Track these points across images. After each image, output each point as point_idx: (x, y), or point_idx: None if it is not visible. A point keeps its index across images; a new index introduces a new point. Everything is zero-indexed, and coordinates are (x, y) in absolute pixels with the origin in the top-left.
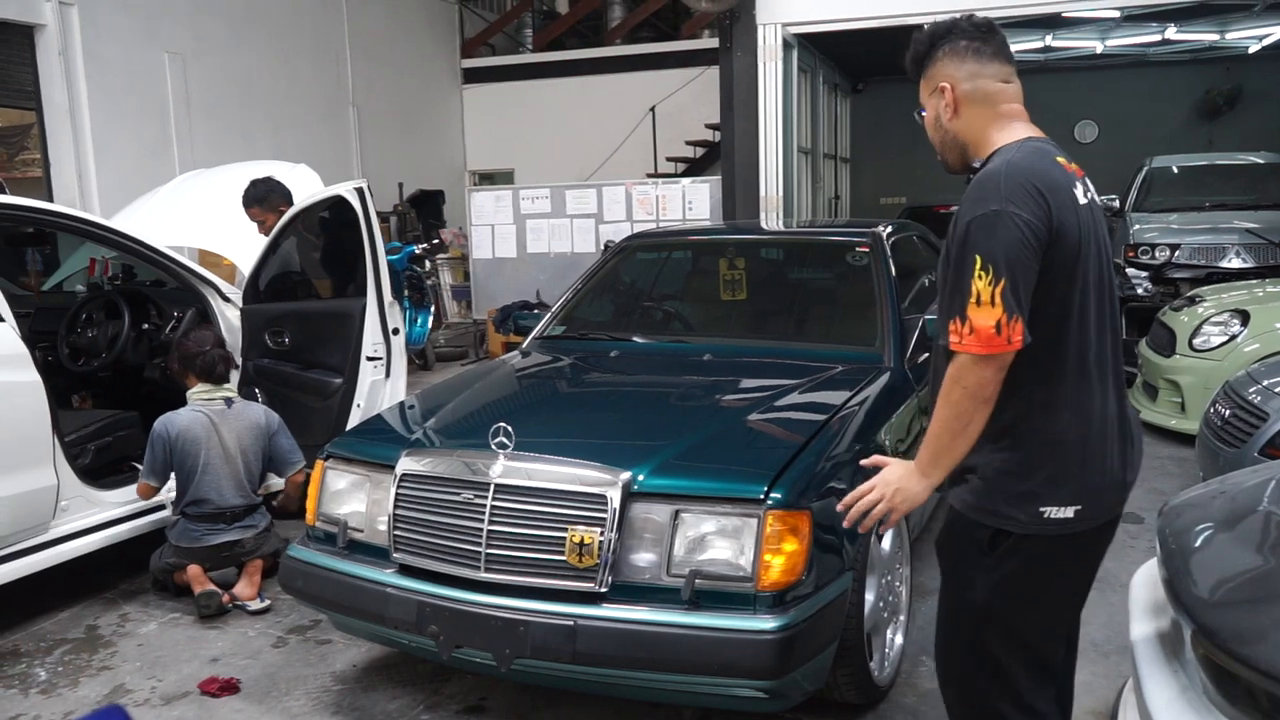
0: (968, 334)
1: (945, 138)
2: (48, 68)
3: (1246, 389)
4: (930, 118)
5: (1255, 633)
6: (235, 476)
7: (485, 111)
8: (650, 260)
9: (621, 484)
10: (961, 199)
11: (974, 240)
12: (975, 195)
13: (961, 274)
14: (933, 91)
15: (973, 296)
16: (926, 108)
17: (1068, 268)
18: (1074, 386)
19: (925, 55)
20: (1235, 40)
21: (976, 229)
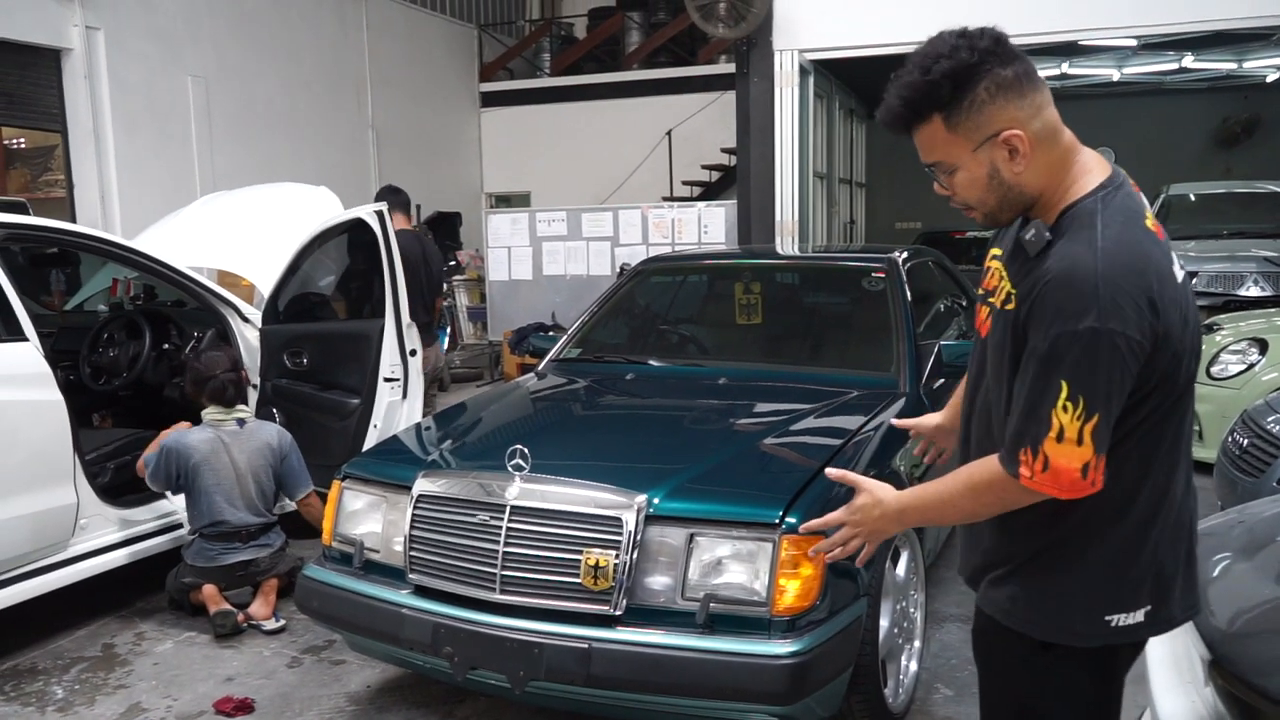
0: (1041, 471)
1: (1008, 195)
2: (73, 91)
3: (1265, 418)
4: (977, 177)
5: (1273, 664)
6: (247, 496)
7: (503, 134)
8: (666, 284)
9: (637, 507)
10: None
11: (1064, 363)
12: (1065, 301)
13: (1042, 397)
14: (982, 144)
15: (1054, 430)
16: (965, 168)
17: (1167, 374)
18: (1151, 499)
19: (950, 99)
20: (1253, 69)
21: (1067, 349)
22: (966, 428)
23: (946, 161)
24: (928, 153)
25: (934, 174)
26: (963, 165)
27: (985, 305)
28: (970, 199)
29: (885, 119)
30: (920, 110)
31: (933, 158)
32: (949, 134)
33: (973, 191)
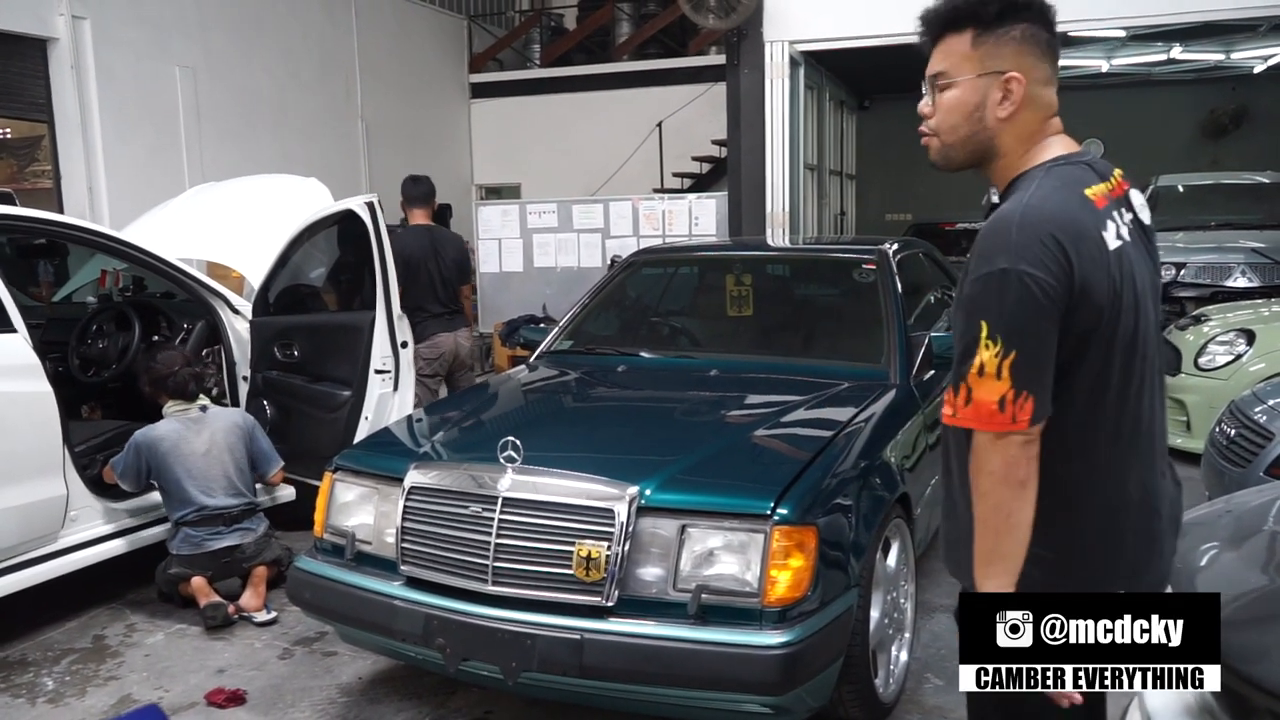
0: (963, 405)
1: (976, 134)
2: (60, 80)
3: (1252, 408)
4: (966, 101)
5: (1260, 652)
6: (224, 476)
7: (493, 126)
8: (657, 276)
9: (629, 498)
10: (972, 249)
11: (980, 303)
12: (984, 247)
13: (966, 338)
14: (987, 73)
15: (975, 366)
16: (961, 87)
17: (1099, 330)
18: (1109, 466)
19: (990, 20)
20: (1240, 60)
21: (983, 290)
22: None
23: (949, 74)
24: (939, 61)
25: (928, 86)
26: (960, 85)
27: None
28: (945, 122)
29: (926, 16)
30: (961, 18)
31: (940, 67)
32: (969, 50)
33: (952, 115)
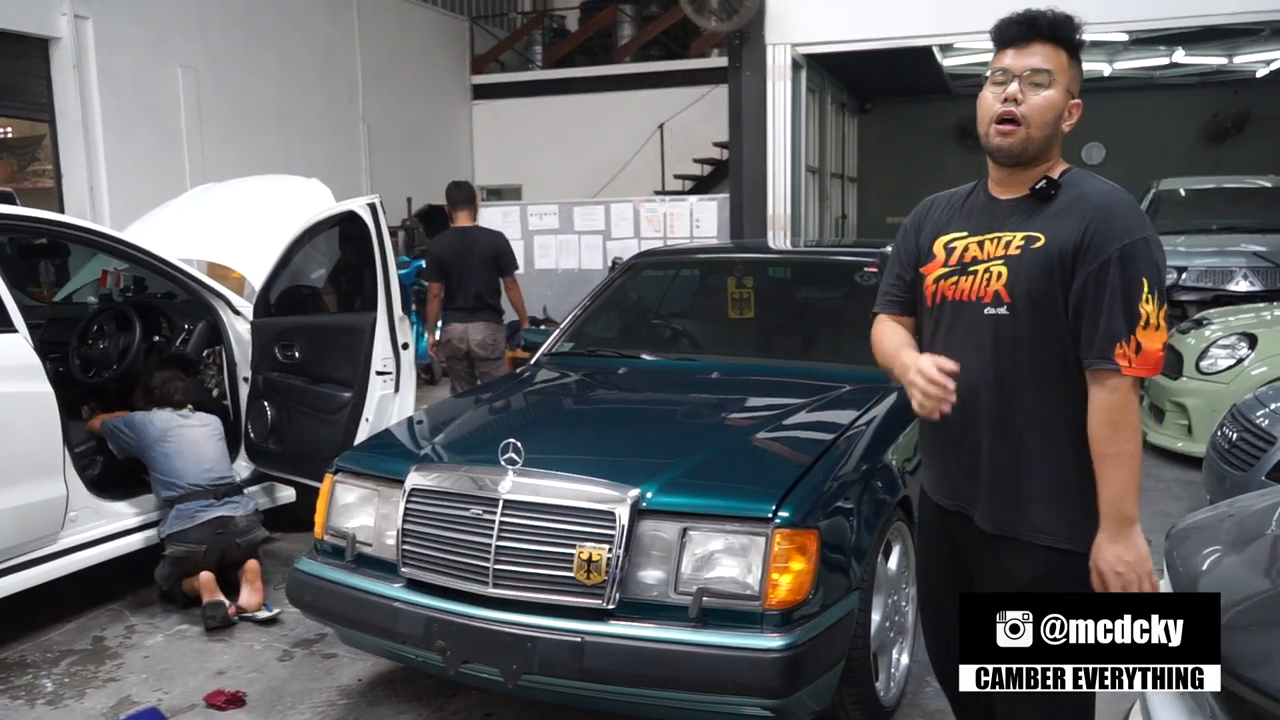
0: (1135, 356)
1: (1052, 136)
2: (62, 80)
3: (1254, 412)
4: (1058, 104)
5: (1263, 656)
6: (210, 458)
7: (494, 127)
8: (658, 278)
9: (630, 501)
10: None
11: (1141, 262)
12: (1126, 215)
13: (1129, 296)
14: (1068, 91)
15: (1142, 319)
16: (1057, 90)
17: None
18: None
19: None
20: (1243, 64)
21: (1141, 251)
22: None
23: (1053, 75)
24: (1045, 59)
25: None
26: (1057, 89)
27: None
28: (1041, 116)
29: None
30: (1063, 37)
31: (1047, 65)
32: (1066, 65)
33: (1049, 111)
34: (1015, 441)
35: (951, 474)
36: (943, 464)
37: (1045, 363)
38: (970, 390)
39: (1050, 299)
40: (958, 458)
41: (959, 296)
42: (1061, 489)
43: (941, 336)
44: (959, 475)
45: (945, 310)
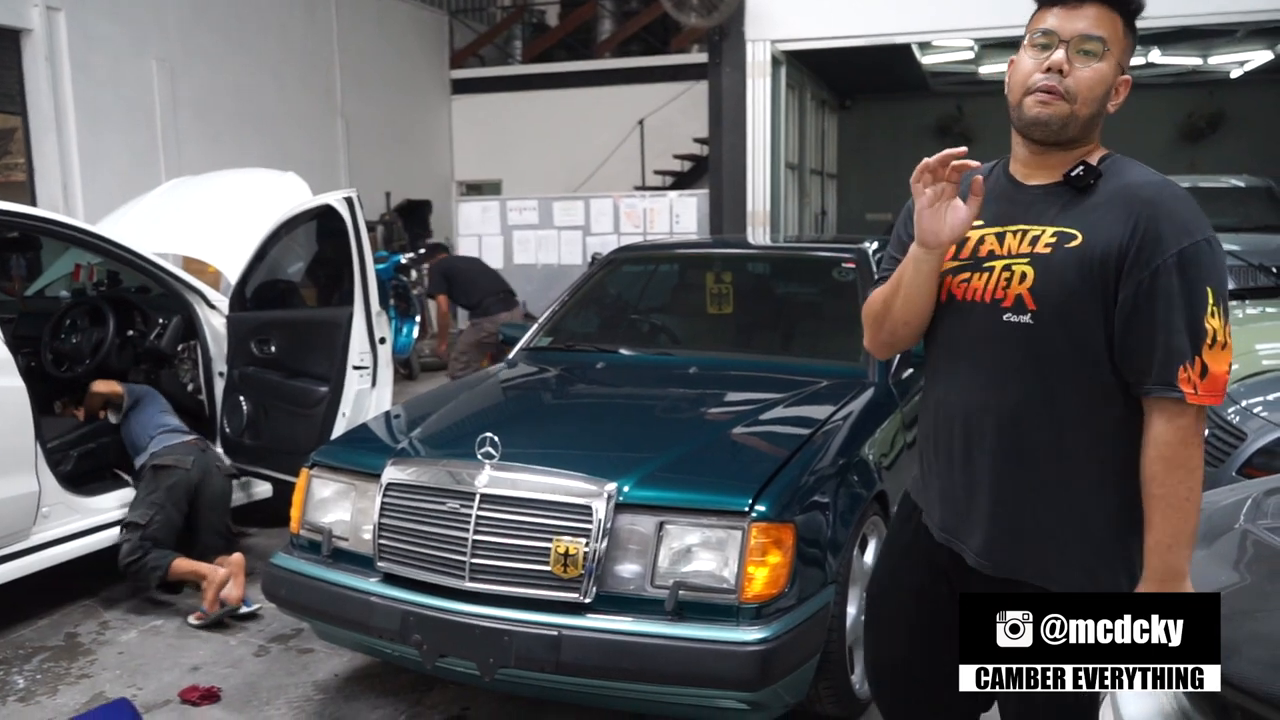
0: (1201, 381)
1: (1097, 115)
2: (34, 73)
3: (1226, 409)
4: (1108, 78)
5: (1230, 647)
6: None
7: (474, 122)
8: (637, 273)
9: (607, 495)
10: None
11: (1204, 269)
12: (1182, 211)
13: (1193, 309)
14: (1119, 62)
15: (1208, 336)
16: (1109, 63)
17: None
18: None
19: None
20: (1218, 65)
21: (1204, 255)
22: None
23: (1107, 43)
24: (1100, 25)
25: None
26: (1108, 61)
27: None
28: (1090, 91)
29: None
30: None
31: (1101, 32)
32: (1122, 35)
33: (1099, 86)
34: (1029, 472)
35: (945, 502)
36: (937, 490)
37: (1074, 384)
38: (977, 408)
39: (1086, 310)
40: (955, 484)
41: (970, 296)
42: (1082, 531)
43: (950, 344)
44: (954, 504)
45: (951, 311)
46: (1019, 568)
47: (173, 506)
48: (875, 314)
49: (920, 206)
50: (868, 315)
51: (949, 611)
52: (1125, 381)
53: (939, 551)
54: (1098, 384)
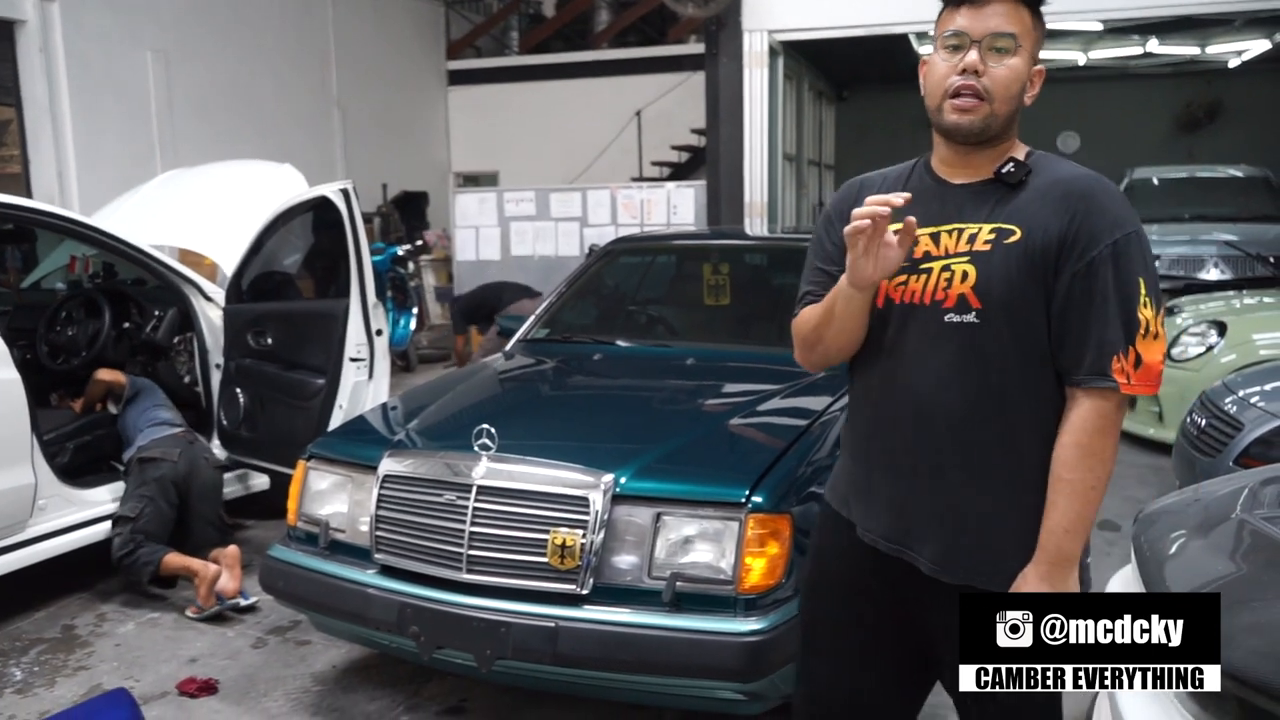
0: (1134, 370)
1: (1015, 111)
2: (28, 64)
3: (1223, 399)
4: (1023, 74)
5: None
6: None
7: (470, 113)
8: (634, 264)
9: (604, 486)
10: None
11: (1136, 260)
12: (1114, 205)
13: (1126, 300)
14: (1031, 55)
15: (1142, 327)
16: (1022, 58)
17: None
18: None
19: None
20: (1216, 54)
21: (1135, 247)
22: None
23: (1018, 39)
24: (1010, 22)
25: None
26: (1021, 56)
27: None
28: (1007, 89)
29: None
30: None
31: (1013, 29)
32: (1031, 28)
33: (1014, 84)
34: (982, 473)
35: (894, 510)
36: (884, 498)
37: (1021, 380)
38: (925, 412)
39: (1029, 304)
40: (904, 492)
41: (909, 299)
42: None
43: (887, 348)
44: (904, 512)
45: (891, 316)
46: (977, 571)
47: (162, 499)
48: (806, 337)
49: (855, 256)
50: (798, 334)
51: (902, 631)
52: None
53: (885, 565)
54: (1043, 379)
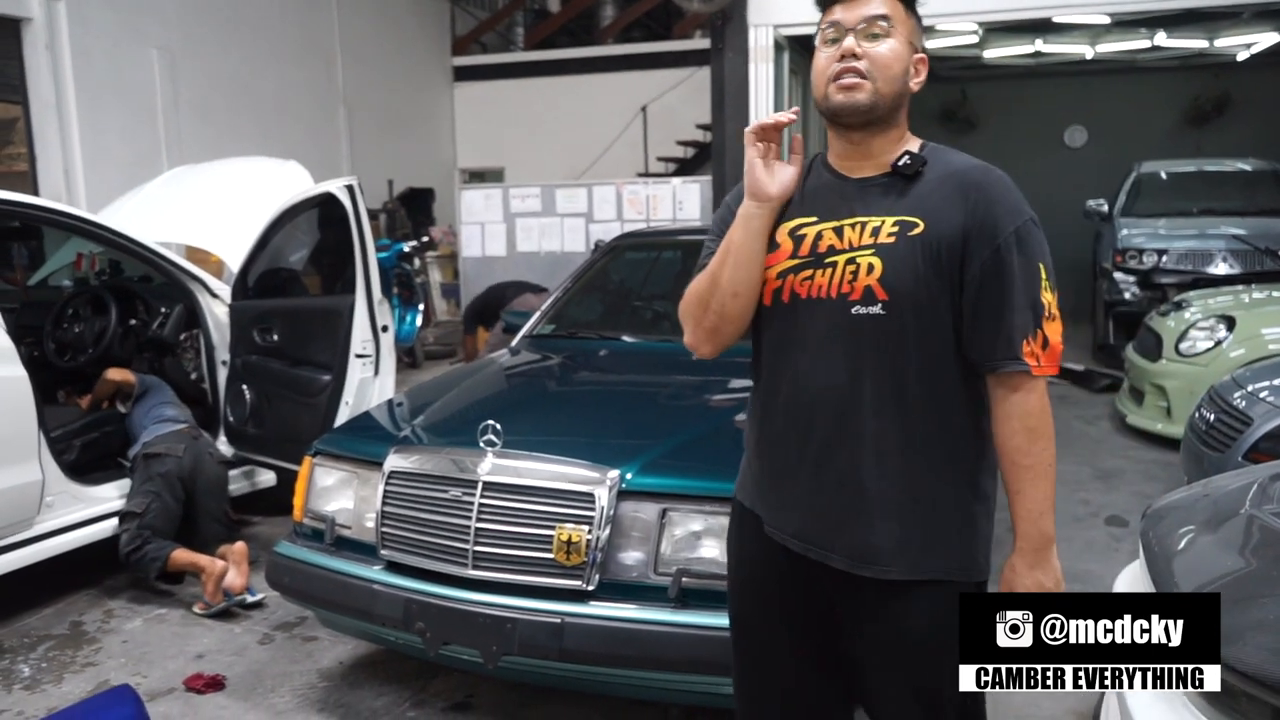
0: (1043, 352)
1: (901, 94)
2: (34, 62)
3: (1231, 394)
4: (903, 56)
5: (1235, 634)
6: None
7: (476, 109)
8: (640, 260)
9: (609, 482)
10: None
11: (1035, 247)
12: (1010, 194)
13: (1032, 283)
14: (909, 40)
15: (1046, 310)
16: (899, 41)
17: None
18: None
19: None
20: (1224, 47)
21: (1034, 234)
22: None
23: (892, 23)
24: (881, 4)
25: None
26: (899, 39)
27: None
28: (888, 69)
29: None
30: None
31: (884, 10)
32: (905, 15)
33: (893, 64)
34: (891, 464)
35: (803, 505)
36: (792, 494)
37: (927, 370)
38: (834, 406)
39: (935, 295)
40: (812, 487)
41: (814, 294)
42: (959, 515)
43: (793, 342)
44: (813, 508)
45: (797, 311)
46: (889, 562)
47: (168, 494)
48: (699, 295)
49: (752, 158)
50: (688, 306)
51: (826, 627)
52: (970, 363)
53: (799, 563)
54: (948, 368)
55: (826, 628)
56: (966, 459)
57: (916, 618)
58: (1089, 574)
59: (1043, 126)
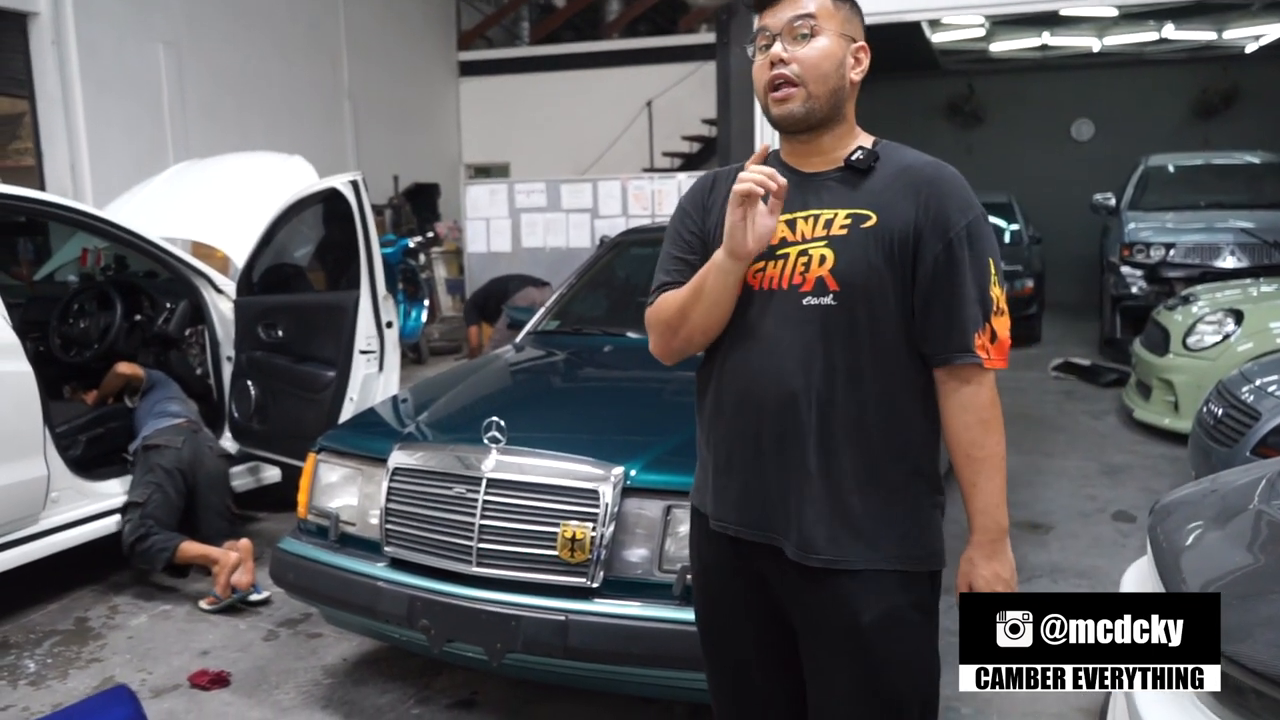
0: (993, 345)
1: (838, 92)
2: (41, 56)
3: (1239, 388)
4: (835, 53)
5: (1243, 631)
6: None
7: (481, 105)
8: (645, 256)
9: (614, 479)
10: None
11: (985, 242)
12: (960, 189)
13: (982, 278)
14: (845, 34)
15: (995, 305)
16: (829, 37)
17: None
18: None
19: None
20: (1232, 40)
21: (983, 229)
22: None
23: (818, 22)
24: (806, 3)
25: (787, 34)
26: (828, 35)
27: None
28: (817, 70)
29: None
30: None
31: (809, 9)
32: (832, 7)
33: (822, 63)
34: (842, 453)
35: (755, 497)
36: (743, 486)
37: (877, 361)
38: (785, 396)
39: (886, 287)
40: (766, 477)
41: (766, 285)
42: (913, 504)
43: (747, 334)
44: (765, 498)
45: (752, 302)
46: (841, 552)
47: (170, 485)
48: (669, 321)
49: (733, 221)
50: (658, 322)
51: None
52: (921, 355)
53: (752, 560)
54: (898, 359)
55: (785, 623)
56: (918, 449)
57: (871, 607)
58: (1096, 569)
59: (1050, 120)
